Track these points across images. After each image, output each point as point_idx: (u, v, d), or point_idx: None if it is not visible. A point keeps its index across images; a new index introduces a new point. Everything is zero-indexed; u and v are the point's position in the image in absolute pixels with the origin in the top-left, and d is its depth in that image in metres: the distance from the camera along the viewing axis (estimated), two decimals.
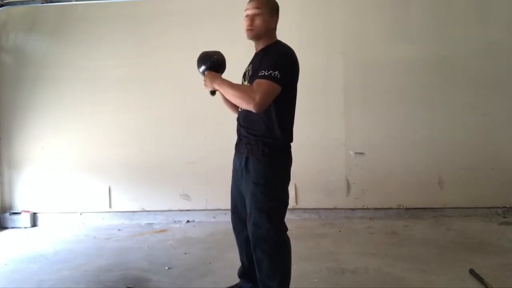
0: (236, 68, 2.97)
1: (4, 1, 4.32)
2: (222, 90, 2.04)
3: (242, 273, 2.33)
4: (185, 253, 3.24)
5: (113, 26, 4.29)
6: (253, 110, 1.94)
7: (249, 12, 2.08)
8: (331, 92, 4.17)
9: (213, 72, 2.10)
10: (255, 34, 2.10)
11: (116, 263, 3.06)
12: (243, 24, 2.14)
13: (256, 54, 2.19)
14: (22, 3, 4.34)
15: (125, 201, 4.31)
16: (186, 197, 4.29)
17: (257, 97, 1.89)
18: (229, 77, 2.70)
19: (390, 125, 4.15)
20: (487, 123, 4.09)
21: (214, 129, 4.14)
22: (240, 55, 3.05)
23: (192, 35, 4.22)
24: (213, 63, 2.12)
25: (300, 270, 2.79)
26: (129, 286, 2.62)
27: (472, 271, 2.59)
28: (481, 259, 2.86)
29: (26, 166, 4.34)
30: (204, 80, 2.10)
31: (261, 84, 1.93)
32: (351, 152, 4.17)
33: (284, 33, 4.19)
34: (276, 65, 1.96)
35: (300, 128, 2.88)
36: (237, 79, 2.61)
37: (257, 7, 2.07)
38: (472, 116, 4.11)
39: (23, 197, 4.35)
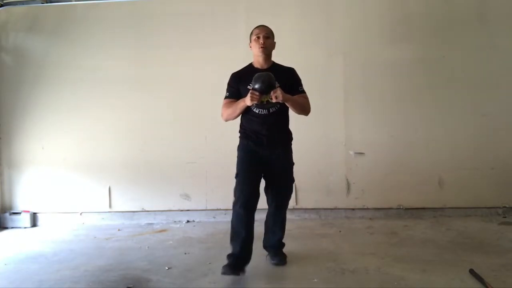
0: (235, 68, 2.98)
1: (4, 1, 4.32)
2: (292, 101, 2.72)
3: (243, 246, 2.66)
4: (185, 253, 3.24)
5: (113, 26, 4.29)
6: (307, 115, 2.84)
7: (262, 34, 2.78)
8: (331, 92, 4.17)
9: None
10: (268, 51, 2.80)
11: (116, 263, 3.05)
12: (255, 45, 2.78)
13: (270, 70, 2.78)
14: (22, 3, 4.35)
15: (125, 201, 4.31)
16: (186, 197, 4.29)
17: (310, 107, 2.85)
18: (228, 76, 2.72)
19: (390, 125, 4.15)
20: (487, 123, 4.08)
21: (214, 129, 4.13)
22: (239, 55, 3.06)
23: (192, 36, 4.23)
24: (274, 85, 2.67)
25: (300, 270, 2.80)
26: (129, 286, 2.62)
27: (472, 271, 2.58)
28: (481, 259, 2.86)
29: (26, 166, 4.34)
30: (277, 96, 2.63)
31: (307, 97, 2.83)
32: (351, 152, 4.17)
33: (285, 33, 4.24)
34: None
35: (300, 128, 2.90)
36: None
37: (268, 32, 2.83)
38: (472, 116, 4.10)
39: (23, 197, 4.35)
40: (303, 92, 2.83)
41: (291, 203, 3.16)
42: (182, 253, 3.24)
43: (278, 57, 2.94)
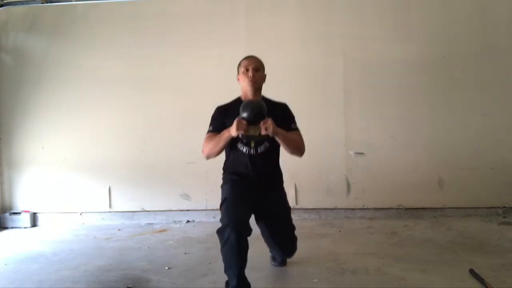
0: (234, 67, 2.97)
1: (4, 1, 4.32)
2: (284, 136, 2.41)
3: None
4: (185, 253, 3.24)
5: (113, 26, 4.30)
6: (301, 156, 2.53)
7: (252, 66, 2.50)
8: (331, 92, 4.17)
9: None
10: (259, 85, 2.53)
11: (116, 263, 3.05)
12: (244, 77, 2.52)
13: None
14: (22, 3, 4.35)
15: (125, 201, 4.31)
16: (186, 197, 4.29)
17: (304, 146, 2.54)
18: (228, 76, 2.72)
19: (390, 125, 4.15)
20: (487, 123, 4.08)
21: None
22: (239, 55, 3.04)
23: (192, 35, 4.23)
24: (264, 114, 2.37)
25: (300, 270, 2.80)
26: (129, 286, 2.62)
27: (472, 271, 2.58)
28: (481, 259, 2.86)
29: (26, 166, 4.34)
30: (267, 127, 2.32)
31: (301, 136, 2.54)
32: (351, 152, 4.17)
33: (285, 33, 4.25)
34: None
35: (300, 128, 2.88)
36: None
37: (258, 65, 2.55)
38: (472, 116, 4.10)
39: (23, 197, 4.35)
40: (297, 129, 2.55)
41: (291, 203, 3.16)
42: (182, 253, 3.24)
43: (278, 57, 2.93)
